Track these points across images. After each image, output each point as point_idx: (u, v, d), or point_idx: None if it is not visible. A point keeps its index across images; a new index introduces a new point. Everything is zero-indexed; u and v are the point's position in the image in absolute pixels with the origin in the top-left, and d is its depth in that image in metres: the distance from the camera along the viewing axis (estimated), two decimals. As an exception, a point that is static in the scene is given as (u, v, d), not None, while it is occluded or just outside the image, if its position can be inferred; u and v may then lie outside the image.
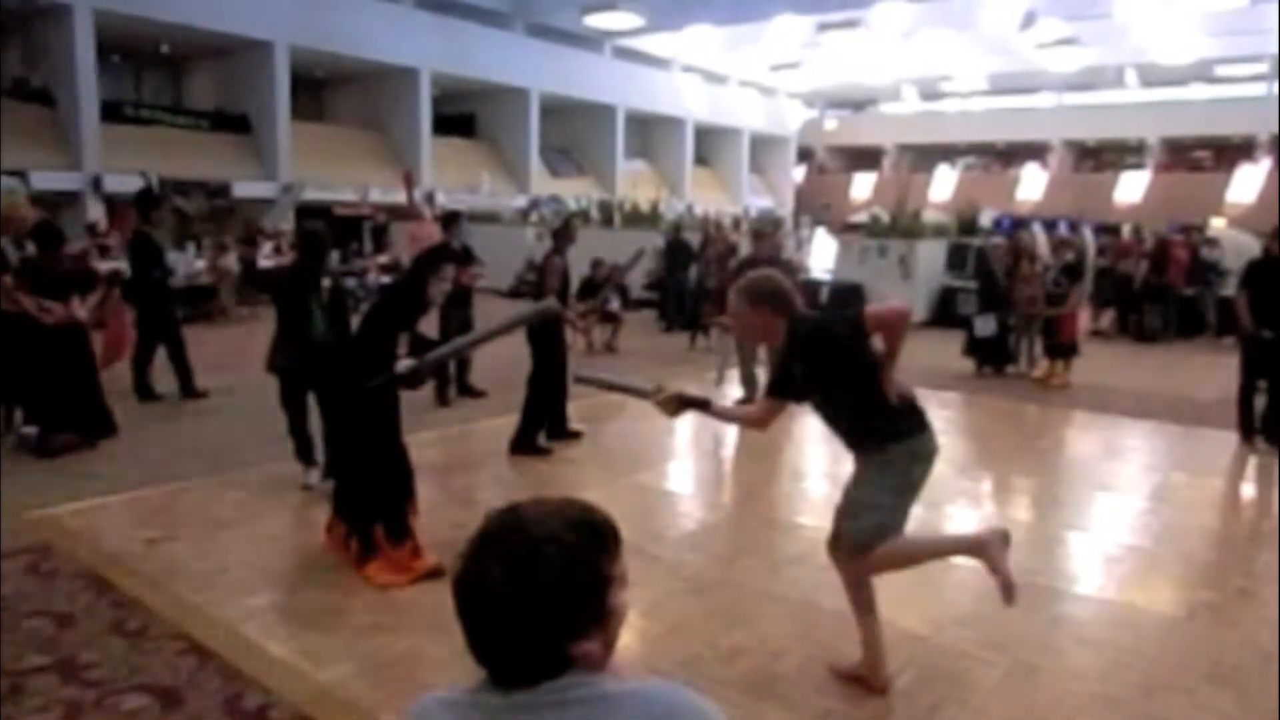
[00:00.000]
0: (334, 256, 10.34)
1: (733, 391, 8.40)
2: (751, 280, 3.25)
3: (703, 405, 3.30)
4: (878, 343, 3.17)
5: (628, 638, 1.19)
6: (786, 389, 3.26)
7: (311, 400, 5.54)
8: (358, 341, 4.46)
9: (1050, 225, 15.34)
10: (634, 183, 29.14)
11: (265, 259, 15.31)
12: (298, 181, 18.46)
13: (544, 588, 1.06)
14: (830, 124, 41.07)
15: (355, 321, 5.40)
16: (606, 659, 1.14)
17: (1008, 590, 3.12)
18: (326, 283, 5.53)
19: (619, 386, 3.62)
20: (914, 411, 3.21)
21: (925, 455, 3.24)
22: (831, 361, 3.11)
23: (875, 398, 3.10)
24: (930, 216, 17.31)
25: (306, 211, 19.93)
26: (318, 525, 4.75)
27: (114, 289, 9.00)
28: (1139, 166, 33.20)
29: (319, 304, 5.35)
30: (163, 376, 8.13)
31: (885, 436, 3.16)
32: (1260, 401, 6.86)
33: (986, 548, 3.20)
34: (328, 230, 5.73)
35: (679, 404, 3.26)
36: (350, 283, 13.47)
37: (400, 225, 17.13)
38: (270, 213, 21.30)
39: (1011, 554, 4.70)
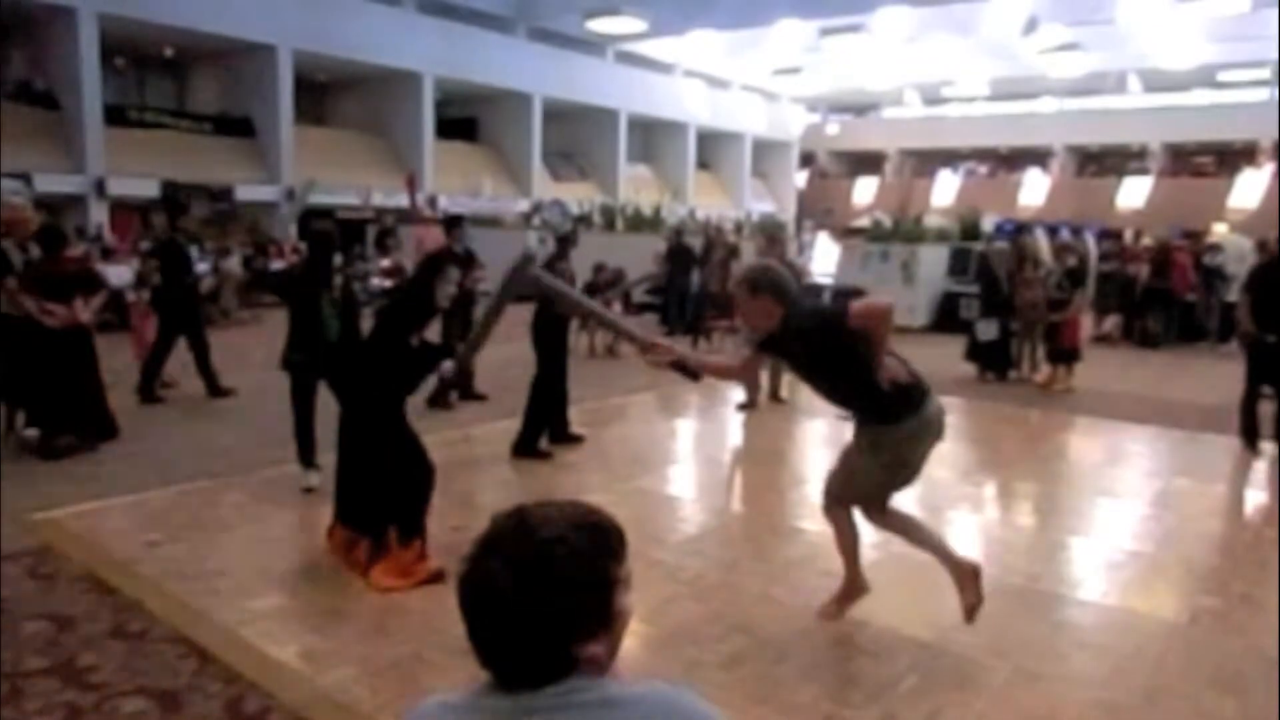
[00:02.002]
0: (336, 260, 10.38)
1: (737, 394, 8.40)
2: (753, 270, 3.59)
3: (692, 375, 3.78)
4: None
5: (628, 641, 1.19)
6: (769, 348, 3.62)
7: (319, 402, 5.57)
8: (371, 348, 4.46)
9: (1052, 230, 15.34)
10: (636, 187, 29.16)
11: (275, 263, 15.39)
12: (306, 183, 18.36)
13: (552, 589, 1.06)
14: (832, 128, 41.08)
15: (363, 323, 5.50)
16: (611, 662, 1.14)
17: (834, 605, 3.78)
18: (338, 280, 5.63)
19: (618, 327, 3.88)
20: (907, 395, 3.38)
21: (918, 435, 3.45)
22: (822, 348, 3.38)
23: (868, 383, 3.31)
24: (932, 221, 17.28)
25: (310, 215, 19.97)
26: (318, 528, 4.74)
27: (142, 292, 9.06)
28: (1141, 172, 33.16)
29: (330, 302, 5.44)
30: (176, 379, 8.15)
31: (876, 419, 3.44)
32: (1266, 407, 6.84)
33: (854, 593, 3.76)
34: (336, 230, 5.83)
35: (672, 365, 3.66)
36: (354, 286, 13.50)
37: (407, 229, 17.15)
38: (280, 218, 21.34)
39: (1014, 559, 4.72)
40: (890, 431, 3.40)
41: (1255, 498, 6.30)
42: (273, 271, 14.16)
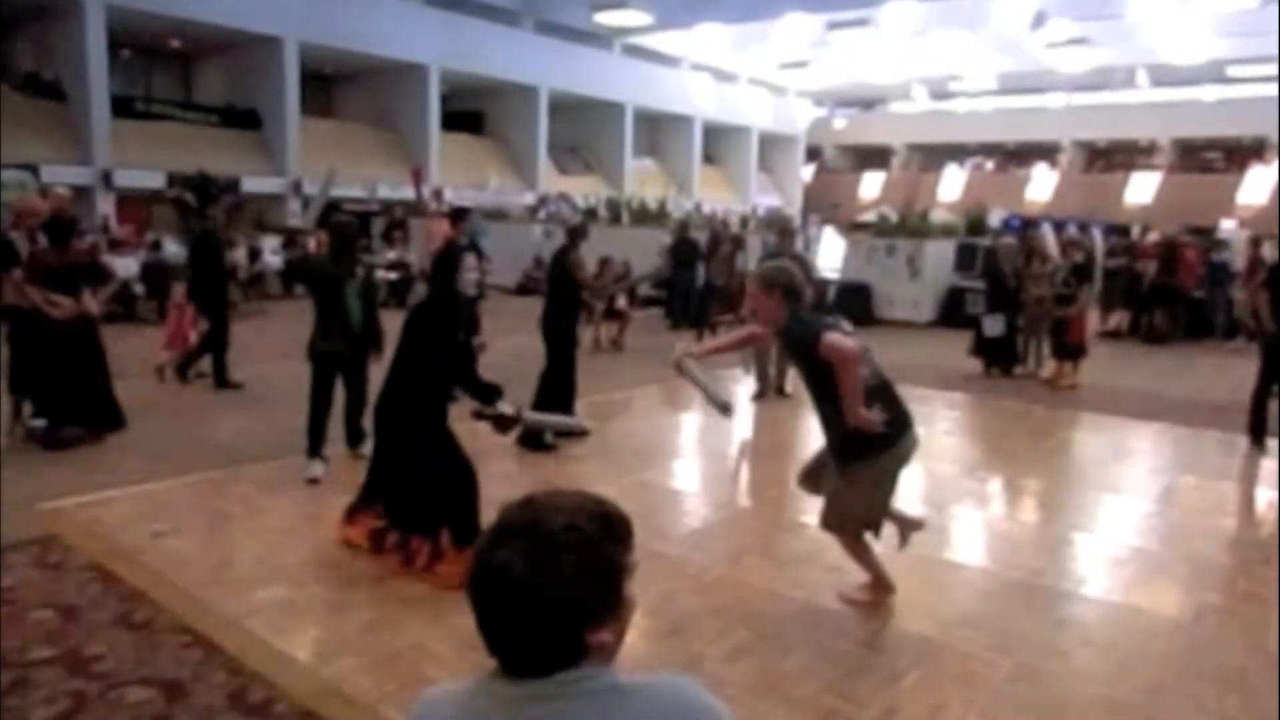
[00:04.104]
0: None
1: (746, 388, 8.39)
2: (771, 268, 3.76)
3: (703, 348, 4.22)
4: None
5: (631, 634, 1.19)
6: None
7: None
8: (411, 355, 4.36)
9: (1059, 226, 15.28)
10: (642, 181, 29.12)
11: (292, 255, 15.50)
12: (328, 173, 18.05)
13: (565, 576, 1.07)
14: (839, 123, 41.00)
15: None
16: (617, 650, 1.15)
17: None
18: (360, 272, 5.86)
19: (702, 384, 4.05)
20: (867, 441, 3.53)
21: (887, 465, 3.66)
22: (799, 358, 3.62)
23: (835, 411, 3.50)
24: (939, 216, 17.27)
25: (330, 207, 19.95)
26: (322, 519, 4.76)
27: (175, 284, 9.20)
28: (1149, 167, 33.04)
29: (355, 292, 5.66)
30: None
31: (848, 455, 3.64)
32: (1272, 405, 6.80)
33: (881, 590, 3.94)
34: (357, 223, 6.02)
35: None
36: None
37: (416, 222, 17.15)
38: (305, 212, 21.36)
39: (1018, 555, 4.72)
40: (863, 467, 3.63)
41: (1261, 495, 6.28)
42: (300, 263, 14.30)
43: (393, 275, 14.55)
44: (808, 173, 40.47)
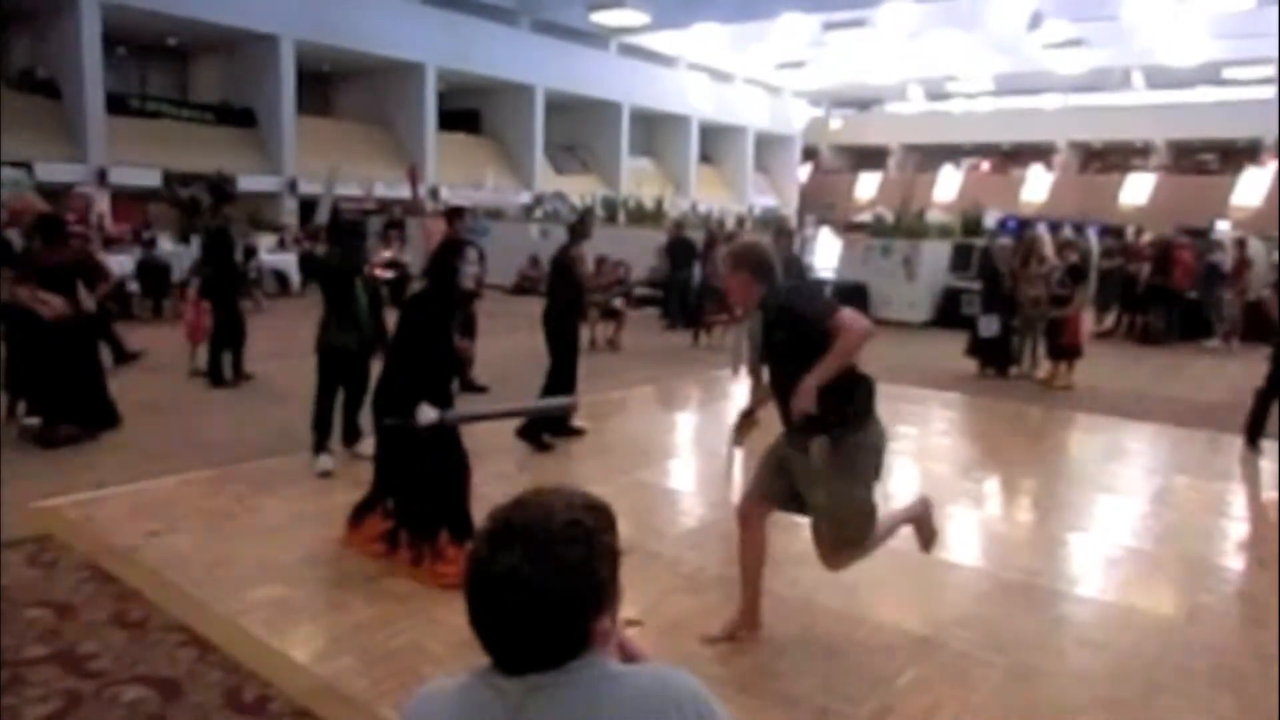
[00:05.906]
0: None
1: (742, 388, 8.39)
2: (739, 245, 3.66)
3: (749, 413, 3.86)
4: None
5: (627, 632, 1.21)
6: (764, 354, 3.54)
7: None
8: (406, 346, 4.35)
9: (1055, 227, 15.31)
10: (639, 180, 29.13)
11: (319, 249, 15.50)
12: (331, 171, 17.96)
13: (573, 570, 1.08)
14: (835, 123, 41.04)
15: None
16: (612, 636, 1.17)
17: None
18: (366, 269, 6.09)
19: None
20: (857, 392, 3.29)
21: (879, 431, 3.36)
22: (785, 334, 3.28)
23: (829, 390, 3.13)
24: (934, 217, 17.29)
25: (312, 206, 19.92)
26: (318, 518, 4.75)
27: (193, 279, 9.28)
28: (1145, 169, 33.13)
29: (363, 287, 5.82)
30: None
31: (844, 418, 3.23)
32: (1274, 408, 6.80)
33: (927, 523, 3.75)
34: (365, 221, 6.15)
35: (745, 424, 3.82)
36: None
37: (414, 221, 17.10)
38: (317, 210, 21.32)
39: (1013, 555, 4.73)
40: (857, 426, 3.27)
41: (1255, 495, 6.30)
42: (312, 257, 14.37)
43: (389, 275, 14.51)
44: (804, 173, 40.50)
